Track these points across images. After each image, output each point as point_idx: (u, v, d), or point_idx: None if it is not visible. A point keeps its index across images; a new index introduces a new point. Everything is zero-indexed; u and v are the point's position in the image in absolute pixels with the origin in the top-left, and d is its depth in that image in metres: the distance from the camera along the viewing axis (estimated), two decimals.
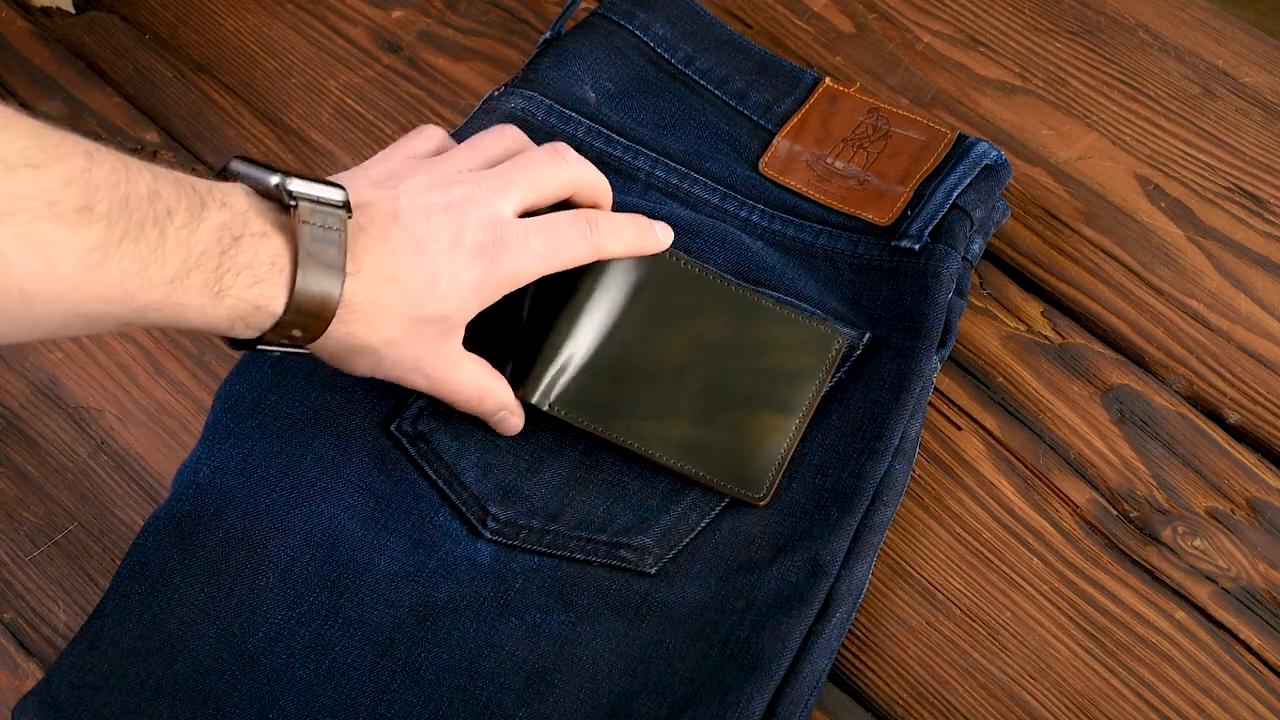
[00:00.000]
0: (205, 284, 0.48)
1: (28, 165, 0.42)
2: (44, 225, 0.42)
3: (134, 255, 0.45)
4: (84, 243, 0.44)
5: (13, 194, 0.42)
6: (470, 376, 0.58)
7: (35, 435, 0.66)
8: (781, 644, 0.56)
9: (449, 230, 0.55)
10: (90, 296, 0.45)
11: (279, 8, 0.81)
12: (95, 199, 0.44)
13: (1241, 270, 0.70)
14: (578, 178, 0.60)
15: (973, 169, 0.68)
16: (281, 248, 0.50)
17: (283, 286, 0.50)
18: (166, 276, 0.47)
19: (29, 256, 0.42)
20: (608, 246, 0.60)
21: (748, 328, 0.64)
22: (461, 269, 0.55)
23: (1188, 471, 0.64)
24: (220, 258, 0.48)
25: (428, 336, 0.55)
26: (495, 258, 0.55)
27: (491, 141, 0.61)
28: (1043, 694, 0.59)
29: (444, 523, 0.60)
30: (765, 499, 0.60)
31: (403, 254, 0.54)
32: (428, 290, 0.54)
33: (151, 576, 0.57)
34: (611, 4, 0.75)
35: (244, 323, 0.50)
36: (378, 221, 0.54)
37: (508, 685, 0.56)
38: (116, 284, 0.45)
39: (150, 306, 0.47)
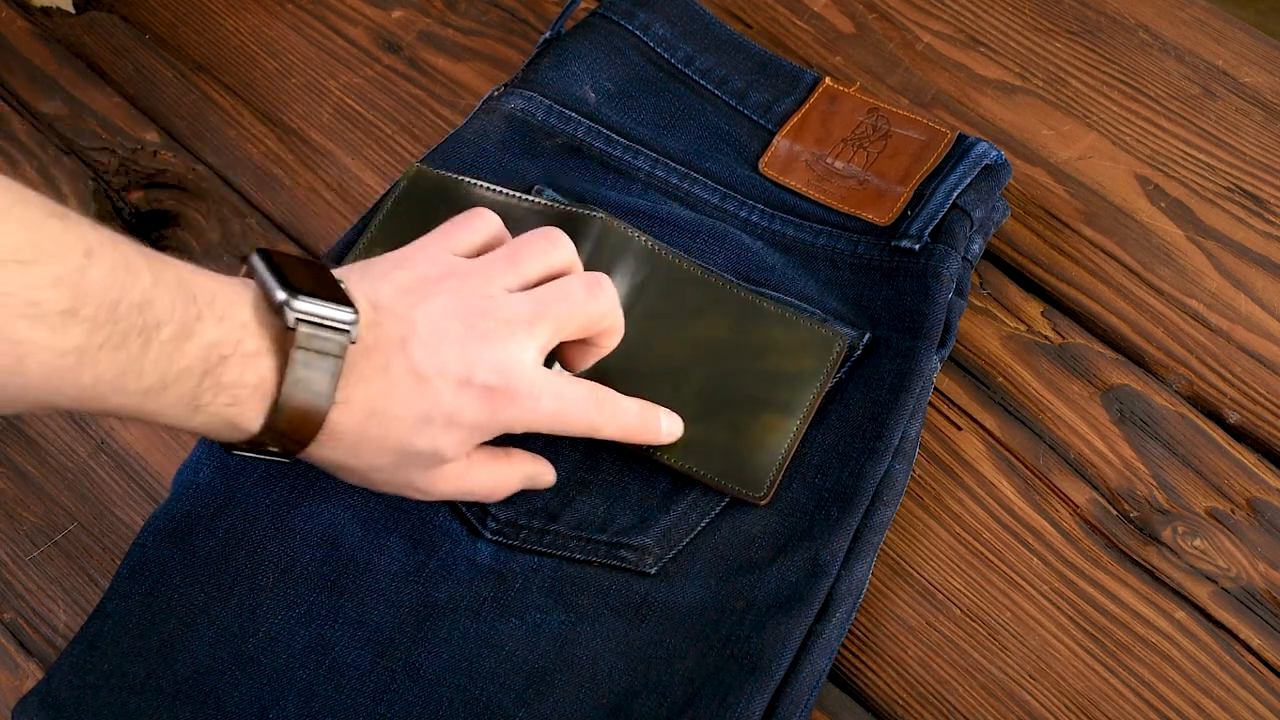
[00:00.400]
0: (181, 398, 0.46)
1: (16, 261, 0.41)
2: (20, 324, 0.41)
3: (112, 363, 0.44)
4: (60, 344, 0.42)
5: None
6: (480, 480, 0.56)
7: (35, 435, 0.66)
8: (781, 644, 0.56)
9: (459, 367, 0.52)
10: (58, 395, 0.44)
11: (279, 8, 0.81)
12: (82, 302, 0.42)
13: (1241, 270, 0.70)
14: (607, 317, 0.58)
15: (973, 169, 0.68)
16: (270, 371, 0.48)
17: (262, 411, 0.48)
18: (142, 387, 0.45)
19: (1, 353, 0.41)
20: (607, 431, 0.58)
21: (748, 330, 0.64)
22: (463, 409, 0.52)
23: (1188, 471, 0.64)
24: (202, 377, 0.46)
25: (419, 465, 0.53)
26: (499, 408, 0.53)
27: (535, 253, 0.57)
28: (1043, 694, 0.59)
29: (444, 523, 0.60)
30: (765, 499, 0.60)
31: (401, 387, 0.51)
32: (419, 428, 0.52)
33: (151, 576, 0.57)
34: (611, 4, 0.75)
35: (219, 435, 0.49)
36: (383, 346, 0.51)
37: (508, 685, 0.56)
38: (89, 387, 0.44)
39: (122, 409, 0.46)
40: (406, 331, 0.52)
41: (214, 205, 0.73)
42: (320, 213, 0.72)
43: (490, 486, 0.57)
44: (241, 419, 0.48)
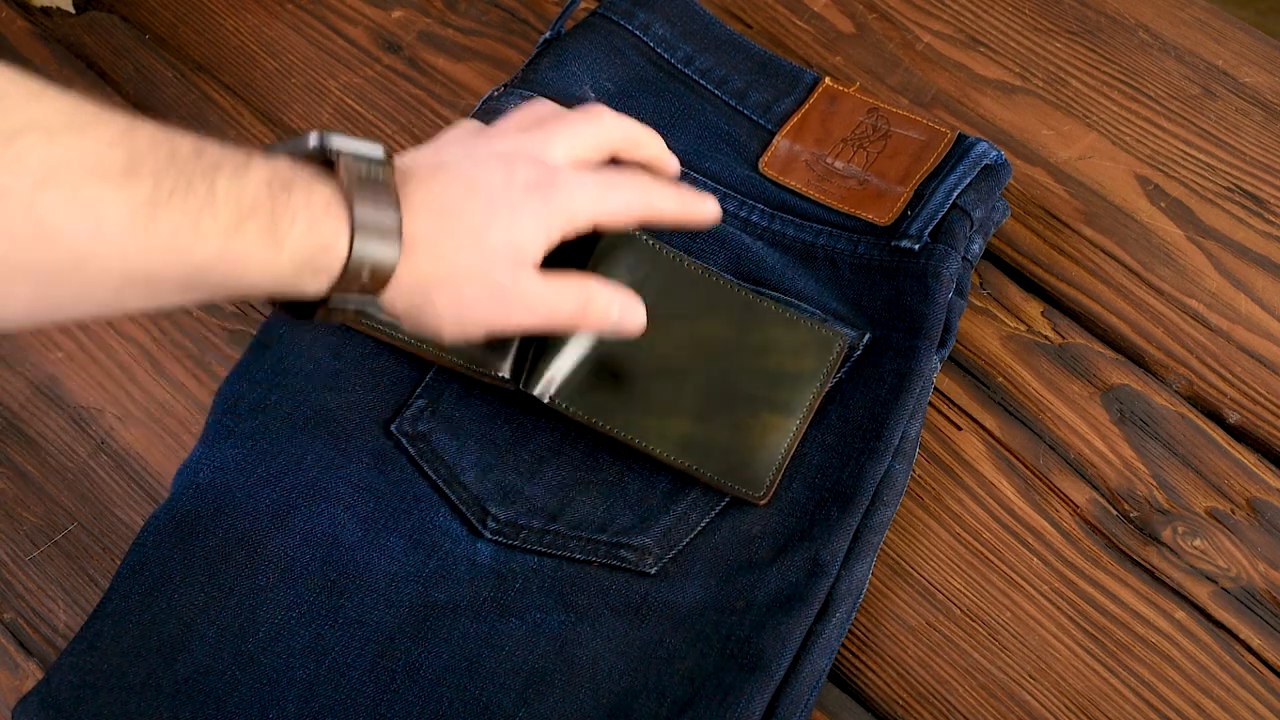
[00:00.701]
0: (262, 231, 0.47)
1: (70, 129, 0.42)
2: (90, 187, 0.42)
3: (185, 208, 0.45)
4: (132, 199, 0.43)
5: (55, 159, 0.42)
6: (563, 293, 0.55)
7: (35, 435, 0.66)
8: (781, 644, 0.56)
9: (499, 171, 0.54)
10: (144, 253, 0.44)
11: (279, 8, 0.81)
12: (140, 158, 0.44)
13: (1241, 270, 0.70)
14: (620, 131, 0.58)
15: (973, 169, 0.68)
16: (332, 194, 0.49)
17: (342, 224, 0.49)
18: (221, 227, 0.46)
19: (77, 219, 0.42)
20: (658, 204, 0.57)
21: (749, 329, 0.64)
22: (519, 201, 0.53)
23: (1188, 471, 0.64)
24: (273, 204, 0.47)
25: (504, 264, 0.53)
26: (549, 193, 0.54)
27: (529, 111, 0.59)
28: (1043, 694, 0.59)
29: (444, 523, 0.60)
30: (765, 498, 0.60)
31: (454, 192, 0.53)
32: (488, 217, 0.53)
33: (151, 576, 0.57)
34: (611, 4, 0.75)
35: (311, 269, 0.49)
36: (423, 170, 0.53)
37: (508, 685, 0.56)
38: (169, 239, 0.44)
39: (208, 263, 0.46)
40: (438, 160, 0.54)
41: None
42: None
43: (577, 302, 0.56)
44: (326, 239, 0.49)
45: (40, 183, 0.41)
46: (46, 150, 0.41)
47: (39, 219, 0.41)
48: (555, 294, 0.55)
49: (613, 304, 0.57)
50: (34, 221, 0.41)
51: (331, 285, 0.50)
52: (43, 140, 0.41)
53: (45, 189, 0.41)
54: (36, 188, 0.41)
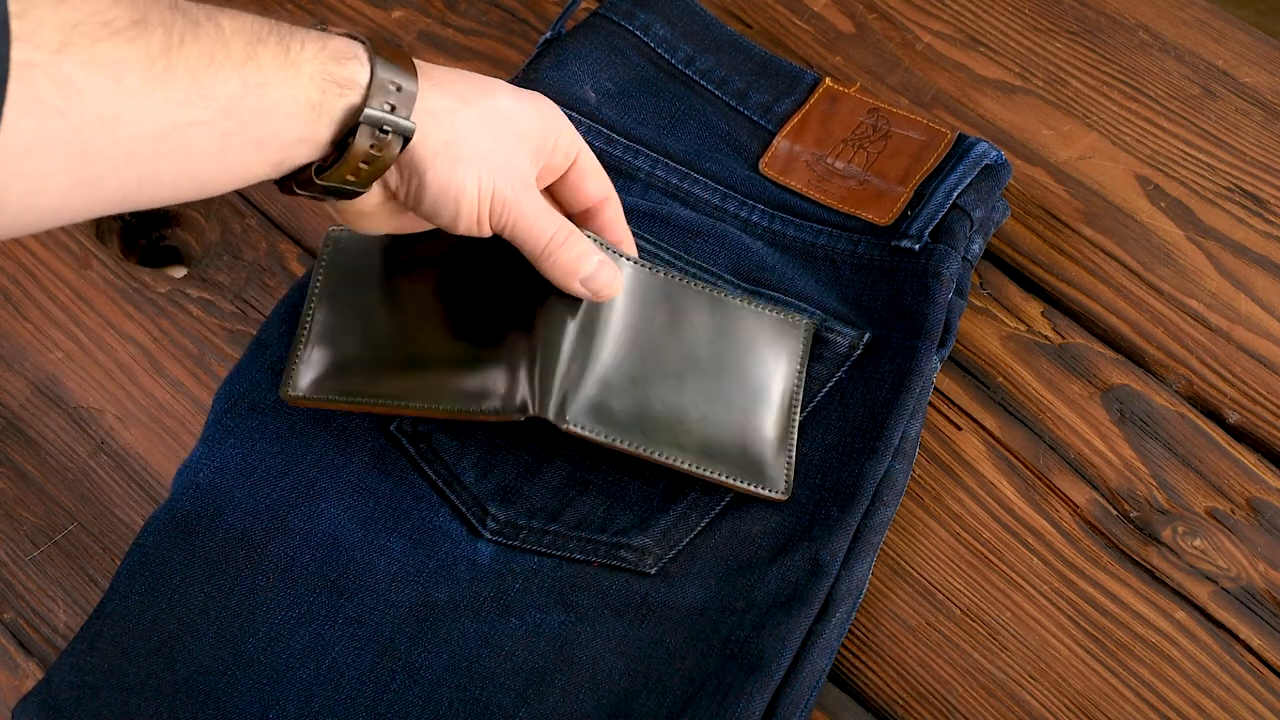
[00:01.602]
0: (276, 57, 0.48)
1: None
2: (104, 45, 0.42)
3: (198, 50, 0.45)
4: (147, 50, 0.44)
5: (68, 22, 0.42)
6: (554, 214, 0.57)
7: (35, 435, 0.66)
8: (781, 644, 0.56)
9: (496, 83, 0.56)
10: (168, 103, 0.45)
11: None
12: (146, 10, 0.44)
13: (1241, 270, 0.70)
14: None
15: (973, 169, 0.68)
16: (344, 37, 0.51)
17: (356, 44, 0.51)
18: (235, 60, 0.46)
19: (98, 78, 0.42)
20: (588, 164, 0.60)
21: (726, 327, 0.63)
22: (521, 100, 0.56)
23: (1188, 471, 0.64)
24: (279, 31, 0.48)
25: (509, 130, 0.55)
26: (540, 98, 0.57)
27: None
28: (1043, 694, 0.59)
29: (444, 523, 0.60)
30: (786, 494, 0.60)
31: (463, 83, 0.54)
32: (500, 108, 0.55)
33: (151, 576, 0.57)
34: (612, 4, 0.75)
35: (334, 84, 0.50)
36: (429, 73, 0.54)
37: (508, 685, 0.56)
38: (190, 83, 0.45)
39: (233, 100, 0.46)
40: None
41: (214, 205, 0.73)
42: (320, 213, 0.72)
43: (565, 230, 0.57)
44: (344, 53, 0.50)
45: (59, 48, 0.41)
46: (58, 15, 0.41)
47: (64, 85, 0.41)
48: (548, 210, 0.57)
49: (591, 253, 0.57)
50: (59, 88, 0.41)
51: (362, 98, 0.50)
52: (53, 7, 0.41)
53: (65, 54, 0.41)
54: (56, 54, 0.41)
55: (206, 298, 0.69)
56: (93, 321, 0.69)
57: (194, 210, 0.73)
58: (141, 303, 0.69)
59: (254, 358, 0.64)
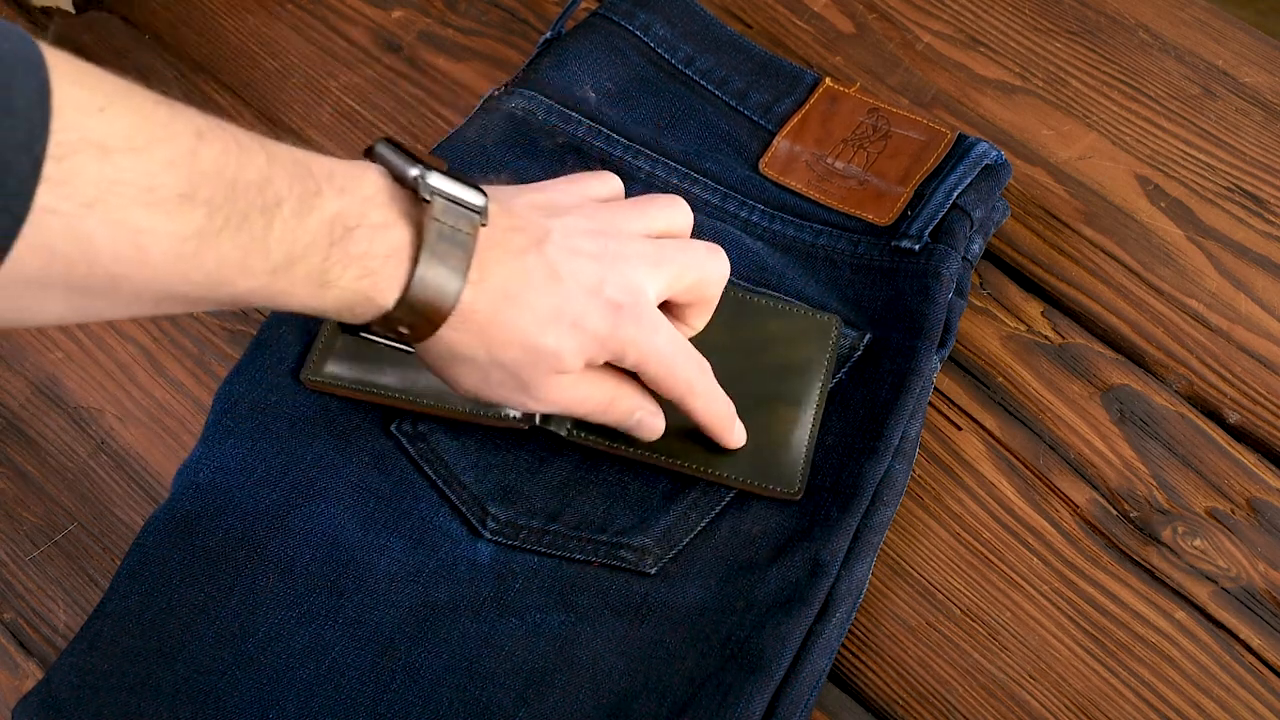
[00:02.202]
0: (310, 274, 0.46)
1: (129, 148, 0.40)
2: (138, 211, 0.40)
3: (235, 244, 0.43)
4: (181, 230, 0.42)
5: (107, 179, 0.40)
6: (589, 393, 0.55)
7: (35, 435, 0.66)
8: (781, 644, 0.56)
9: (591, 276, 0.52)
10: (184, 282, 0.43)
11: (279, 8, 0.81)
12: (198, 184, 0.42)
13: (1241, 270, 0.70)
14: (717, 284, 0.58)
15: (973, 169, 0.68)
16: (404, 242, 0.48)
17: (397, 281, 0.48)
18: (269, 267, 0.45)
19: (120, 244, 0.41)
20: (697, 401, 0.57)
21: (746, 327, 0.64)
22: (590, 315, 0.52)
23: (1188, 471, 0.64)
24: (329, 249, 0.46)
25: (541, 368, 0.52)
26: (622, 323, 0.53)
27: (663, 208, 0.58)
28: (1043, 694, 0.59)
29: (444, 523, 0.60)
30: (799, 493, 0.60)
31: (535, 278, 0.51)
32: (550, 323, 0.51)
33: (151, 576, 0.57)
34: (612, 4, 0.75)
35: (350, 312, 0.48)
36: (518, 242, 0.51)
37: (508, 685, 0.56)
38: (214, 271, 0.43)
39: (250, 294, 0.45)
40: (542, 235, 0.52)
41: None
42: None
43: (597, 403, 0.56)
44: (376, 291, 0.48)
45: (89, 203, 0.39)
46: (99, 169, 0.40)
47: (82, 241, 0.40)
48: (583, 391, 0.55)
49: (635, 410, 0.57)
50: (76, 243, 0.40)
51: (366, 325, 0.50)
52: (97, 159, 0.39)
53: (92, 210, 0.40)
54: (84, 208, 0.39)
55: None
56: (93, 322, 0.69)
57: None
58: None
59: (254, 358, 0.64)
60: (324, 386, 0.62)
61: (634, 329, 0.53)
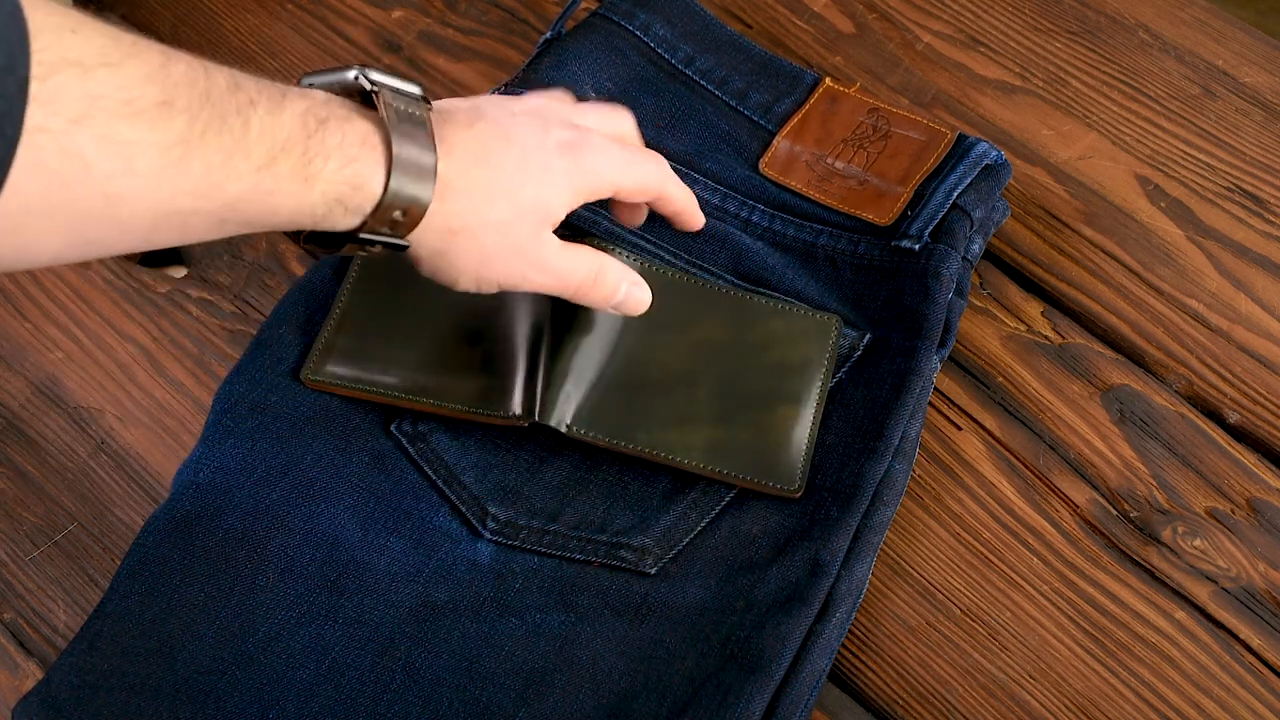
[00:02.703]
0: (294, 169, 0.47)
1: (104, 64, 0.41)
2: (122, 124, 0.42)
3: (218, 146, 0.45)
4: (165, 138, 0.43)
5: (90, 94, 0.41)
6: (578, 260, 0.57)
7: (35, 435, 0.66)
8: (781, 644, 0.56)
9: (534, 127, 0.55)
10: (176, 192, 0.44)
11: (279, 8, 0.81)
12: (174, 94, 0.43)
13: (1241, 270, 0.70)
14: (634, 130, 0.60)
15: (973, 169, 0.68)
16: (369, 128, 0.50)
17: (378, 163, 0.49)
18: (253, 165, 0.46)
19: (108, 156, 0.42)
20: (672, 189, 0.59)
21: (747, 327, 0.64)
22: (551, 158, 0.54)
23: (1188, 471, 0.64)
24: (306, 142, 0.47)
25: (529, 222, 0.54)
26: (581, 154, 0.55)
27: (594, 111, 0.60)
28: (1043, 694, 0.59)
29: (444, 523, 0.60)
30: (799, 490, 0.60)
31: (491, 141, 0.53)
32: (520, 173, 0.53)
33: (151, 576, 0.57)
34: (612, 4, 0.75)
35: (342, 207, 0.49)
36: (461, 116, 0.54)
37: (508, 685, 0.56)
38: (201, 177, 0.44)
39: (240, 199, 0.46)
40: (475, 113, 0.55)
41: None
42: None
43: (589, 269, 0.57)
44: (360, 178, 0.49)
45: (75, 119, 0.41)
46: (81, 86, 0.41)
47: (74, 158, 0.41)
48: (571, 259, 0.56)
49: (621, 281, 0.58)
50: (67, 159, 0.41)
51: (362, 221, 0.50)
52: (77, 76, 0.41)
53: (80, 126, 0.41)
54: (71, 124, 0.41)
55: (206, 298, 0.69)
56: (93, 321, 0.69)
57: None
58: (141, 303, 0.69)
59: (254, 358, 0.64)
60: (324, 385, 0.62)
61: (593, 156, 0.56)
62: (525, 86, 0.71)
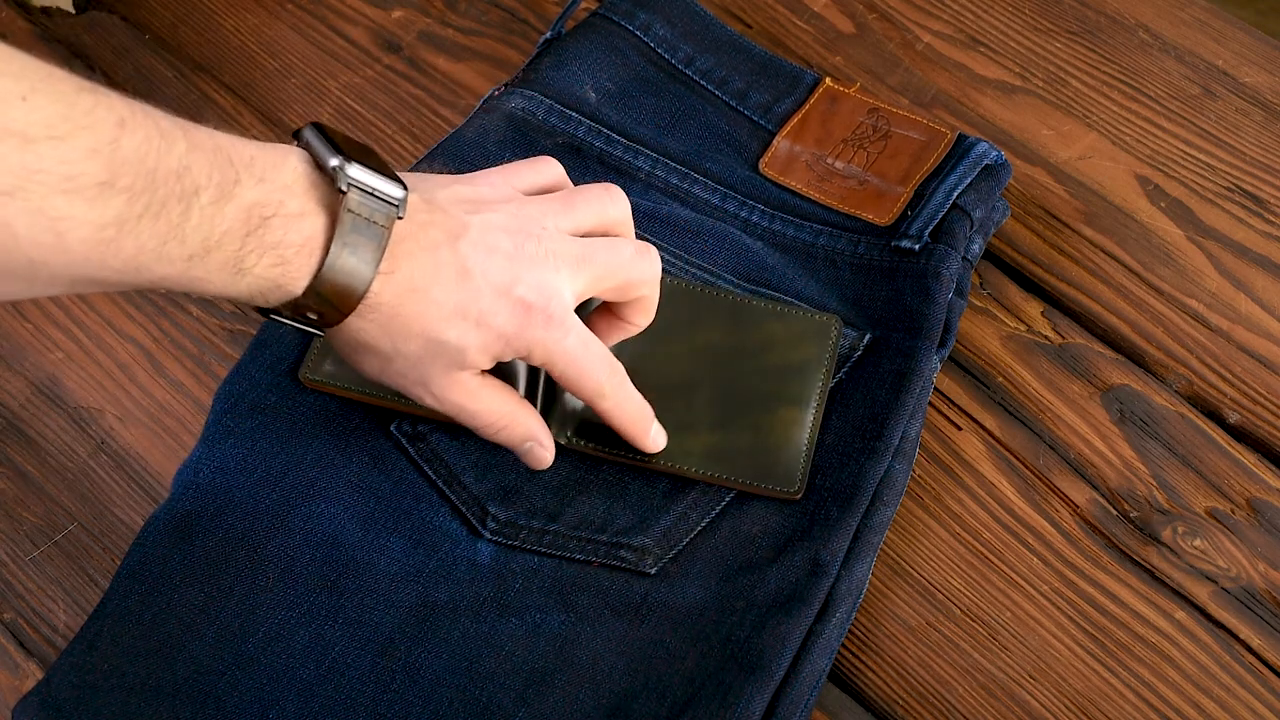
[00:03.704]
0: (225, 262, 0.47)
1: (50, 137, 0.41)
2: (58, 200, 0.41)
3: (153, 231, 0.44)
4: (100, 218, 0.42)
5: (28, 168, 0.40)
6: (488, 405, 0.56)
7: (35, 435, 0.66)
8: (781, 644, 0.56)
9: (503, 275, 0.53)
10: (102, 268, 0.44)
11: (279, 8, 0.81)
12: (119, 173, 0.42)
13: (1241, 270, 0.70)
14: (648, 285, 0.58)
15: (973, 169, 0.68)
16: (317, 231, 0.49)
17: (307, 271, 0.49)
18: (185, 253, 0.45)
19: (38, 230, 0.41)
20: (608, 403, 0.58)
21: (745, 330, 0.64)
22: (497, 313, 0.53)
23: (1188, 471, 0.64)
24: (244, 239, 0.47)
25: (441, 362, 0.53)
26: (530, 324, 0.53)
27: (591, 202, 0.58)
28: (1043, 694, 0.59)
29: (444, 523, 0.60)
30: (799, 492, 0.60)
31: (445, 273, 0.52)
32: (454, 318, 0.52)
33: (151, 576, 0.57)
34: (612, 4, 0.75)
35: (263, 298, 0.49)
36: (433, 236, 0.52)
37: (508, 685, 0.56)
38: (131, 258, 0.44)
39: (166, 279, 0.46)
40: (458, 230, 0.53)
41: None
42: None
43: (494, 417, 0.56)
44: (286, 279, 0.49)
45: (8, 192, 0.40)
46: (19, 158, 0.40)
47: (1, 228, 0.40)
48: (483, 401, 0.56)
49: (527, 439, 0.58)
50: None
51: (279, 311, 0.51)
52: (18, 148, 0.40)
53: (12, 198, 0.40)
54: (3, 197, 0.40)
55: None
56: (93, 321, 0.69)
57: None
58: (141, 303, 0.69)
59: (254, 357, 0.64)
60: (321, 386, 0.62)
61: (542, 331, 0.54)
62: (525, 86, 0.71)
